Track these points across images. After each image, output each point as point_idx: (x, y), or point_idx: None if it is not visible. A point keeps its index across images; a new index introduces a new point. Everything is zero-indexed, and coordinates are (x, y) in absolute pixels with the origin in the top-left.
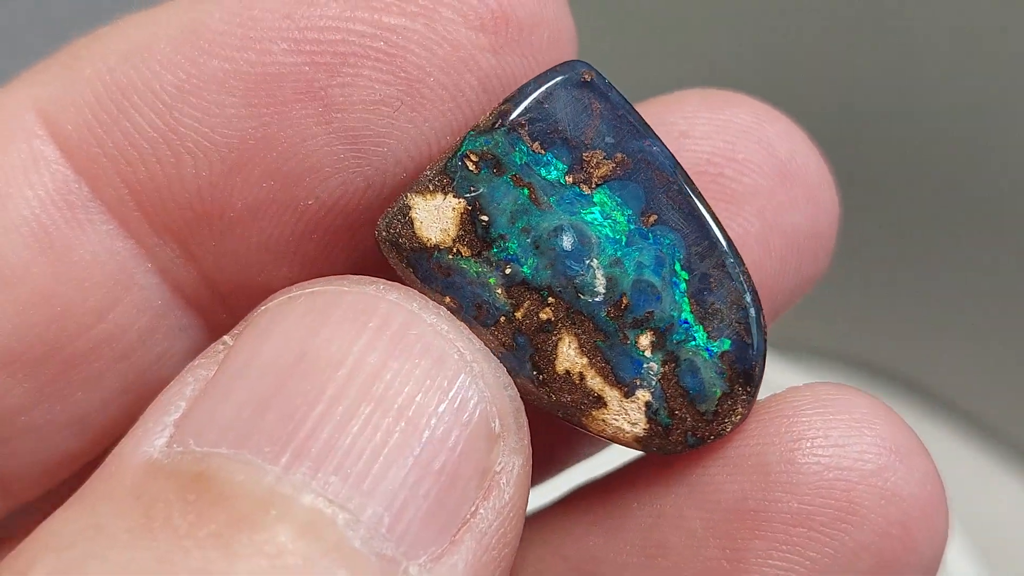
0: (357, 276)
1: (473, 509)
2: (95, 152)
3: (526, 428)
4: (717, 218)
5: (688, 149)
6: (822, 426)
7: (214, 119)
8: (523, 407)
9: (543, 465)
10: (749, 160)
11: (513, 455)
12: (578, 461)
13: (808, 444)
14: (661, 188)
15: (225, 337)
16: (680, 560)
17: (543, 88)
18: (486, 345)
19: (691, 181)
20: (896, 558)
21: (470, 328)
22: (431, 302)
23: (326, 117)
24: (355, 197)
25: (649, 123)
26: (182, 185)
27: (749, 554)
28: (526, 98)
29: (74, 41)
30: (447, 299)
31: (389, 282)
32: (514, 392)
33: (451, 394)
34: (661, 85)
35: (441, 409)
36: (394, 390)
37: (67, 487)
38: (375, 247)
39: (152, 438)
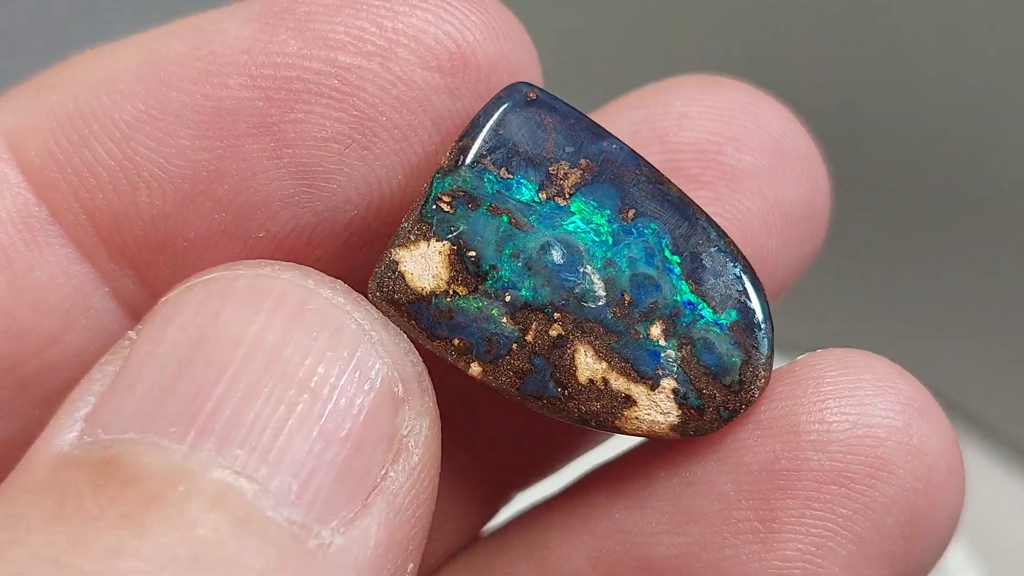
0: (254, 260)
1: (383, 473)
2: (55, 177)
3: (431, 392)
4: (688, 196)
5: (688, 129)
6: (848, 386)
7: (169, 150)
8: (426, 372)
9: (561, 452)
10: (747, 138)
11: (419, 418)
12: (595, 446)
13: (836, 403)
14: (631, 183)
15: (130, 332)
16: (711, 525)
17: (494, 116)
18: (503, 377)
19: (654, 168)
20: (923, 514)
21: (483, 363)
22: (328, 277)
23: (278, 152)
24: (305, 232)
25: (647, 105)
26: (137, 213)
27: (782, 514)
28: (481, 129)
29: (50, 65)
30: (456, 341)
31: (285, 263)
32: (416, 358)
33: (352, 363)
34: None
35: (342, 378)
36: (294, 363)
37: None
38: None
39: (63, 433)
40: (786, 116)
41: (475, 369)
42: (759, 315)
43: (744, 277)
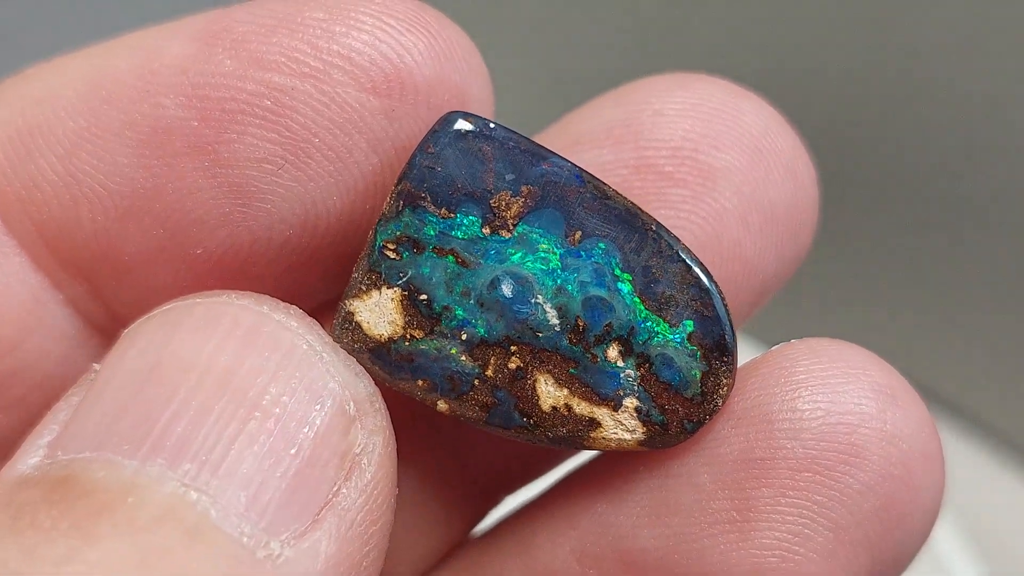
0: (212, 291)
1: (335, 489)
2: (6, 189)
3: (383, 411)
4: (637, 207)
5: (663, 127)
6: (820, 374)
7: (108, 167)
8: (379, 393)
9: (547, 456)
10: (724, 136)
11: (372, 436)
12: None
13: (808, 391)
14: (575, 202)
15: (94, 364)
16: (690, 516)
17: (430, 154)
18: (469, 412)
19: (599, 183)
20: (899, 499)
21: (448, 400)
22: (282, 303)
23: (212, 171)
24: (242, 250)
25: (623, 104)
26: (79, 227)
27: (758, 503)
28: (417, 169)
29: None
30: (420, 382)
31: (243, 291)
32: (368, 380)
33: (302, 382)
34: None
35: (293, 397)
36: (246, 383)
37: None
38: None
39: (27, 459)
40: (767, 113)
41: (442, 406)
42: (717, 320)
43: (700, 282)
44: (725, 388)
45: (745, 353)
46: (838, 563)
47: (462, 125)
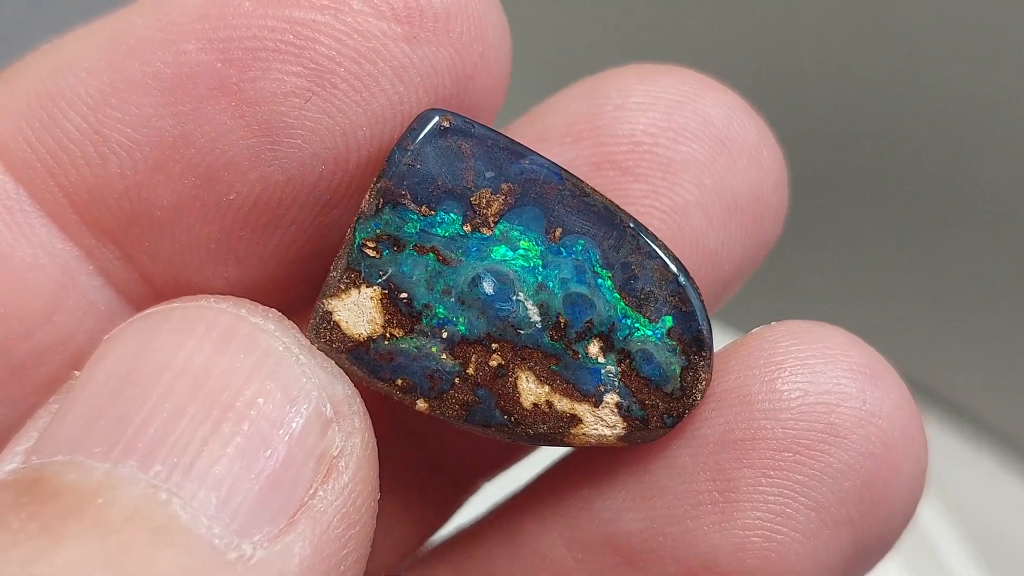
0: (194, 295)
1: (311, 491)
2: (30, 158)
3: (362, 412)
4: (615, 204)
5: (623, 121)
6: (799, 355)
7: (134, 119)
8: (357, 394)
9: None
10: (685, 128)
11: (350, 438)
12: None
13: (787, 372)
14: (555, 200)
15: (75, 371)
16: (673, 498)
17: (409, 151)
18: (449, 410)
19: (577, 180)
20: (880, 477)
21: (428, 400)
22: (260, 306)
23: (240, 111)
24: (276, 191)
25: (584, 97)
26: (110, 186)
27: (739, 483)
28: (397, 167)
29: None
30: (399, 381)
31: (224, 296)
32: (346, 382)
33: (278, 384)
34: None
35: (268, 398)
36: (221, 385)
37: None
38: (308, 244)
39: (4, 465)
40: (731, 103)
41: (421, 405)
42: (694, 316)
43: (677, 279)
44: (703, 383)
45: (720, 338)
46: (820, 542)
47: (441, 122)
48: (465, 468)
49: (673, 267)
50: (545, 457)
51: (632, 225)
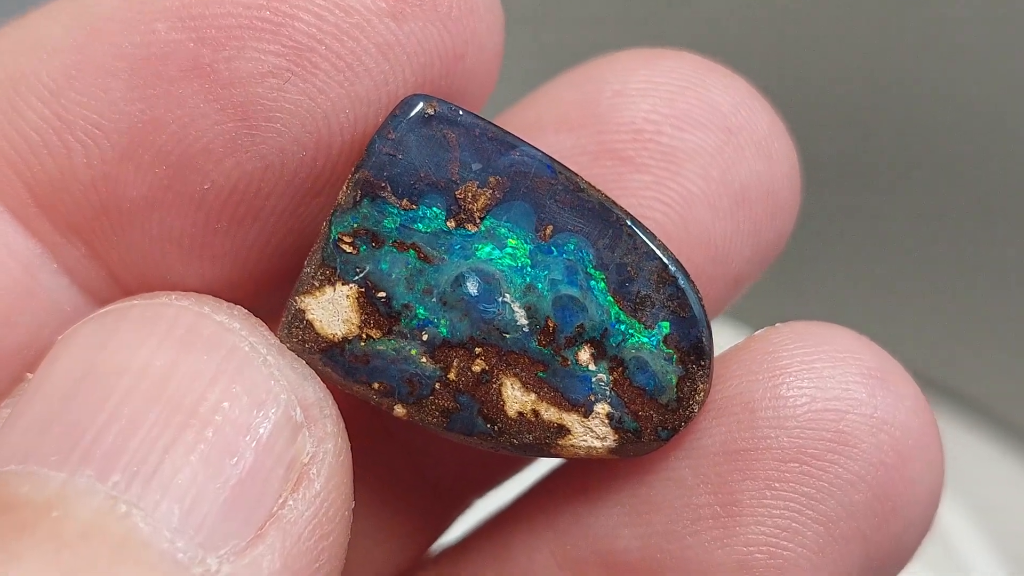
0: (154, 292)
1: (281, 501)
2: None
3: (335, 416)
4: (612, 201)
5: (624, 108)
6: (805, 359)
7: (100, 104)
8: (330, 397)
9: (514, 461)
10: (689, 115)
11: (322, 444)
12: None
13: (793, 378)
14: (546, 195)
15: (28, 374)
16: (672, 513)
17: (391, 140)
18: (428, 417)
19: (571, 174)
20: (893, 489)
21: (406, 405)
22: (225, 303)
23: (214, 93)
24: (254, 180)
25: (582, 84)
26: (75, 176)
27: (742, 497)
28: (377, 156)
29: None
30: (376, 385)
31: (184, 292)
32: (318, 384)
33: (244, 386)
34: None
35: (233, 402)
36: (183, 388)
37: None
38: (289, 238)
39: None
40: (739, 89)
41: (399, 411)
42: (694, 322)
43: (676, 282)
44: (701, 394)
45: (724, 340)
46: (829, 558)
47: (425, 109)
48: (456, 483)
49: (672, 269)
50: (536, 468)
51: (629, 223)
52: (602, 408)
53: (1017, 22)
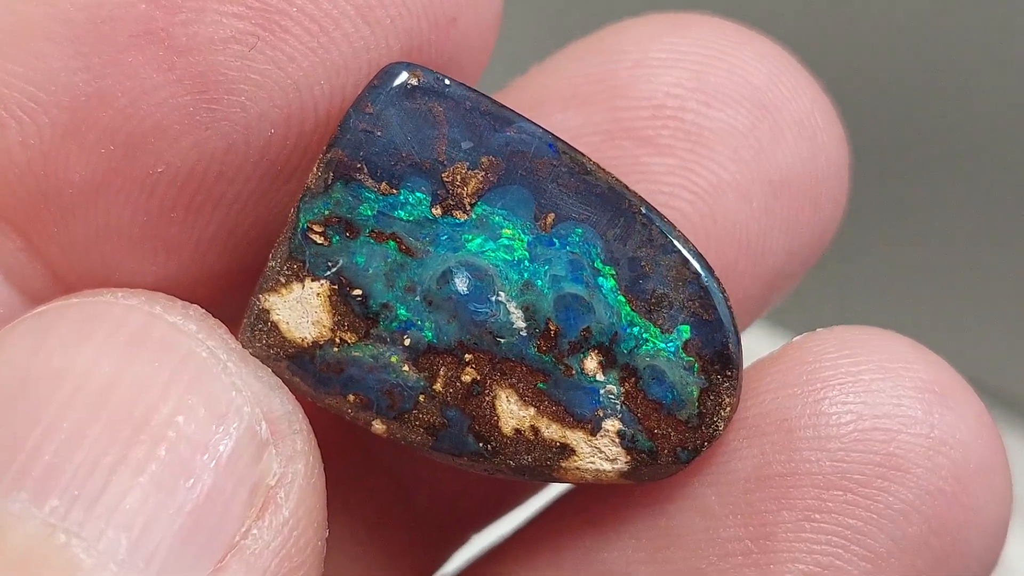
0: (98, 289)
1: (244, 529)
2: None
3: (305, 432)
4: (624, 185)
5: (643, 81)
6: (851, 369)
7: (38, 74)
8: (300, 409)
9: (515, 488)
10: (719, 89)
11: (291, 463)
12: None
13: (836, 392)
14: (547, 178)
15: None
16: (696, 548)
17: (368, 114)
18: (412, 435)
19: (577, 154)
20: (952, 520)
21: (386, 421)
22: (180, 302)
23: (169, 62)
24: (215, 162)
25: (597, 53)
26: (9, 158)
27: (777, 529)
28: (353, 133)
29: None
30: (351, 397)
31: (132, 289)
32: (286, 395)
33: (202, 398)
34: None
35: (190, 415)
36: (131, 398)
37: None
38: (255, 228)
39: None
40: (777, 59)
41: (378, 427)
42: (719, 325)
43: (699, 279)
44: (728, 408)
45: (759, 348)
46: None
47: (408, 79)
48: (450, 514)
49: (694, 263)
50: (540, 496)
51: (644, 211)
52: (612, 425)
53: None
